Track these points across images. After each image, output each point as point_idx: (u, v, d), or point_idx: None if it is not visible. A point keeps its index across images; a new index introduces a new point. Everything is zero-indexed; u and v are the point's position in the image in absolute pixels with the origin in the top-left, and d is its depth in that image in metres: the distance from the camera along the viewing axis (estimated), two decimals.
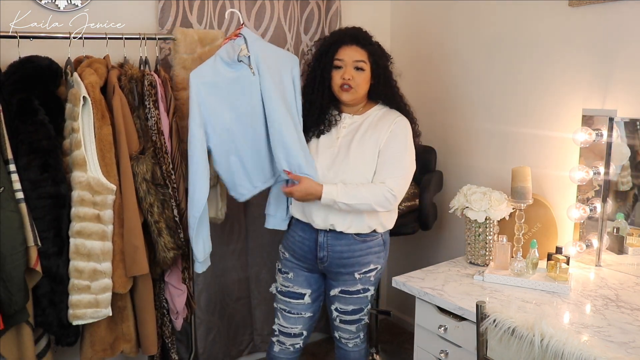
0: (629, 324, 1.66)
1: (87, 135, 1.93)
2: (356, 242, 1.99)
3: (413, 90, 2.99)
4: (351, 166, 1.93)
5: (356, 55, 1.94)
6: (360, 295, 2.05)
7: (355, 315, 2.08)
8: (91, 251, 1.92)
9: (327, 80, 1.97)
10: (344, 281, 2.03)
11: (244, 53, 1.98)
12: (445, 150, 2.80)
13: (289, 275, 2.09)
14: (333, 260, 2.00)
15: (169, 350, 2.28)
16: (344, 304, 2.07)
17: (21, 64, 1.91)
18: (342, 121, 2.01)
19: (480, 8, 2.55)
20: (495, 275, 1.99)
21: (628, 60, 2.03)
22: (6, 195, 1.76)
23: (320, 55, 1.99)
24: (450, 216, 2.55)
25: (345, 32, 2.00)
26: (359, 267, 2.01)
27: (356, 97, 1.98)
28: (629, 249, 2.06)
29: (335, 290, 2.06)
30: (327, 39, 2.02)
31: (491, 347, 1.53)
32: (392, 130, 1.96)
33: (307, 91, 2.02)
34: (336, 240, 1.99)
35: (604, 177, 2.08)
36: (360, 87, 1.96)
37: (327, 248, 1.99)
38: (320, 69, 1.98)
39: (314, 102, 2.00)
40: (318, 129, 2.01)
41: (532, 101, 2.37)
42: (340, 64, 1.95)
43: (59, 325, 1.95)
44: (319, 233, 1.99)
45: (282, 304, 2.12)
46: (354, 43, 1.95)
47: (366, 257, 2.01)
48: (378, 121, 1.99)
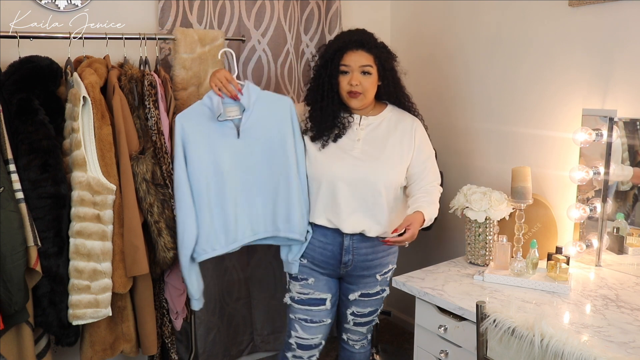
0: (629, 324, 1.66)
1: (87, 135, 1.93)
2: (379, 244, 1.97)
3: (413, 90, 2.98)
4: (380, 167, 1.92)
5: (362, 60, 1.91)
6: (379, 297, 2.06)
7: (371, 316, 2.10)
8: (91, 251, 1.92)
9: (335, 86, 1.94)
10: (365, 284, 2.02)
11: (233, 115, 1.92)
12: (445, 150, 2.80)
13: (309, 280, 2.01)
14: (357, 264, 1.98)
15: (168, 350, 2.28)
16: (361, 307, 2.06)
17: (21, 64, 1.91)
18: (357, 122, 1.99)
19: (481, 8, 2.55)
20: (495, 275, 1.99)
21: (628, 60, 2.03)
22: (6, 195, 1.76)
23: (326, 62, 1.95)
24: (450, 216, 2.55)
25: (350, 36, 1.96)
26: (381, 268, 2.02)
27: (365, 102, 1.96)
28: (629, 249, 2.06)
29: (355, 294, 2.04)
30: (332, 44, 1.98)
31: (491, 347, 1.53)
32: (418, 136, 1.99)
33: (317, 98, 1.98)
34: (362, 243, 1.96)
35: (604, 177, 2.08)
36: (368, 91, 1.94)
37: (352, 252, 1.96)
38: (327, 76, 1.94)
39: (325, 109, 1.96)
40: (334, 133, 1.97)
41: (532, 101, 2.37)
42: (346, 69, 1.92)
43: (59, 325, 1.95)
44: (345, 237, 1.96)
45: (301, 313, 2.02)
46: (359, 48, 1.92)
47: (387, 257, 2.02)
48: (396, 124, 1.99)
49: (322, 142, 1.97)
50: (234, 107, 1.92)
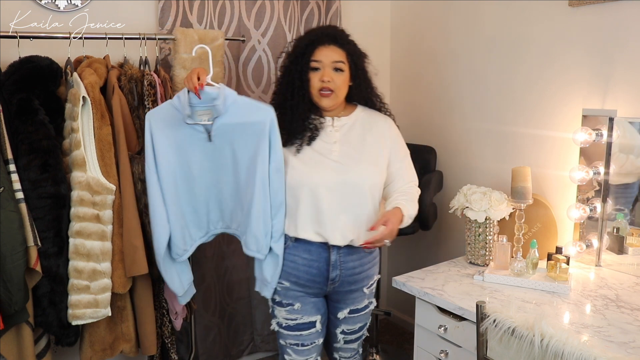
0: (629, 324, 1.66)
1: (86, 135, 1.93)
2: (365, 255, 1.88)
3: (413, 90, 3.00)
4: (364, 168, 1.82)
5: (334, 56, 1.81)
6: (367, 311, 1.96)
7: (361, 331, 2.00)
8: (91, 251, 1.92)
9: (305, 83, 1.82)
10: (353, 299, 1.91)
11: (204, 120, 1.78)
12: (445, 150, 2.80)
13: (295, 306, 1.85)
14: (345, 279, 1.85)
15: (168, 350, 2.28)
16: (351, 324, 1.95)
17: (21, 64, 1.90)
18: (329, 124, 1.87)
19: (480, 8, 2.55)
20: (495, 275, 1.99)
21: (628, 60, 2.03)
22: (6, 195, 1.76)
23: (296, 57, 1.83)
24: (450, 216, 2.55)
25: (322, 31, 1.87)
26: (368, 280, 1.91)
27: (336, 102, 1.85)
28: (629, 249, 2.06)
29: (344, 312, 1.91)
30: (302, 39, 1.87)
31: (491, 347, 1.53)
32: (393, 136, 1.91)
33: (286, 97, 1.85)
34: (349, 255, 1.84)
35: (604, 177, 2.08)
36: (340, 89, 1.83)
37: (339, 266, 1.83)
38: (297, 72, 1.83)
39: (295, 108, 1.83)
40: (307, 136, 1.84)
41: (532, 101, 2.37)
42: (317, 65, 1.81)
43: (58, 325, 1.95)
44: (332, 251, 1.82)
45: (291, 339, 1.88)
46: (331, 43, 1.82)
47: (372, 268, 1.93)
48: (371, 124, 1.90)
49: (296, 146, 1.83)
50: (205, 111, 1.79)
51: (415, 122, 2.99)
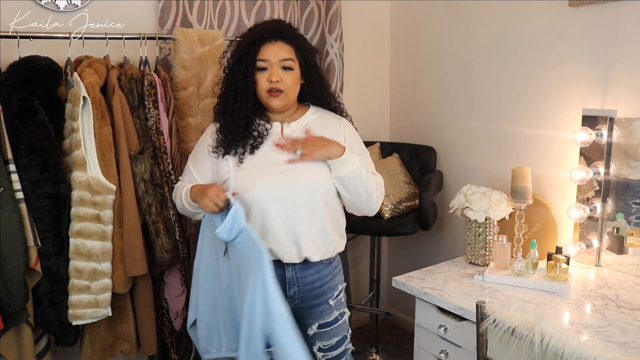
0: (629, 324, 1.66)
1: (87, 135, 1.93)
2: (324, 267, 1.75)
3: (413, 89, 3.00)
4: (317, 172, 1.66)
5: (282, 53, 1.66)
6: (340, 322, 1.81)
7: (340, 347, 1.82)
8: (91, 251, 1.92)
9: (251, 85, 1.67)
10: (320, 313, 1.77)
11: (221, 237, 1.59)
12: (445, 150, 2.80)
13: None
14: (305, 294, 1.73)
15: (168, 350, 2.28)
16: (326, 340, 1.79)
17: (21, 64, 1.91)
18: (277, 131, 1.73)
19: (480, 8, 2.55)
20: (495, 275, 1.99)
21: (628, 60, 2.03)
22: (6, 195, 1.76)
23: (240, 57, 1.68)
24: (450, 216, 2.55)
25: (266, 26, 1.70)
26: (331, 292, 1.78)
27: (287, 102, 1.70)
28: (629, 249, 2.06)
29: (313, 328, 1.77)
30: (245, 37, 1.71)
31: (491, 347, 1.53)
32: (347, 136, 1.76)
33: (228, 100, 1.70)
34: (305, 271, 1.71)
35: (604, 177, 2.08)
36: (290, 89, 1.68)
37: (297, 283, 1.71)
38: (241, 74, 1.67)
39: (237, 112, 1.69)
40: (248, 144, 1.69)
41: (532, 101, 2.37)
42: (264, 65, 1.66)
43: (59, 325, 1.95)
44: (286, 268, 1.70)
45: None
46: (278, 39, 1.67)
47: (334, 279, 1.79)
48: (323, 126, 1.75)
49: (238, 156, 1.68)
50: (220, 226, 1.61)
51: (415, 122, 2.99)
